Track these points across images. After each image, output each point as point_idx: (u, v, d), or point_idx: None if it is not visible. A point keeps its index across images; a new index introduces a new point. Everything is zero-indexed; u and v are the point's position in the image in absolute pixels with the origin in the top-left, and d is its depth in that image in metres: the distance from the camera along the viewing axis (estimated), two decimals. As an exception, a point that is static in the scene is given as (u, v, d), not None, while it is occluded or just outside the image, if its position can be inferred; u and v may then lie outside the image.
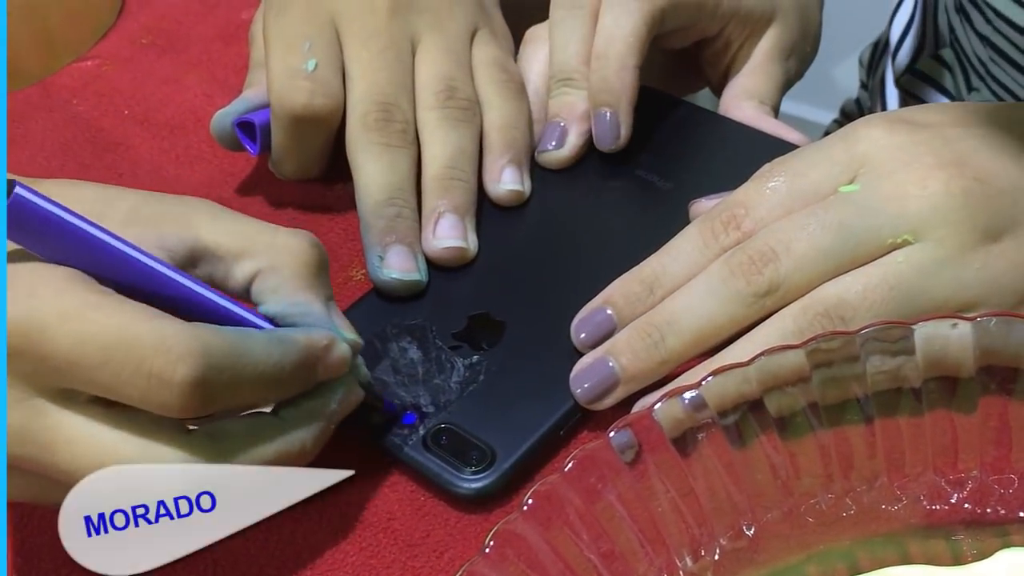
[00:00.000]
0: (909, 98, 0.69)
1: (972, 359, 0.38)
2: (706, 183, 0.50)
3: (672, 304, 0.44)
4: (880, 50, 0.77)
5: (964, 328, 0.38)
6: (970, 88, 0.65)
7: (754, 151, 0.50)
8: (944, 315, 0.38)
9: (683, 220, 0.48)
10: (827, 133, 0.80)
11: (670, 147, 0.53)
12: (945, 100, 0.67)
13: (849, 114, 0.80)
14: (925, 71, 0.68)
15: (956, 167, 0.42)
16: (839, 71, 1.21)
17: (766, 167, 0.46)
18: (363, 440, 0.45)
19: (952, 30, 0.65)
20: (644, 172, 0.52)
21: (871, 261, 0.42)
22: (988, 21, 0.61)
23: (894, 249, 0.42)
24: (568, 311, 0.46)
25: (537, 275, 0.49)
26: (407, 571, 0.42)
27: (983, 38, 0.62)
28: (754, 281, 0.43)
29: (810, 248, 0.43)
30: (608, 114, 0.52)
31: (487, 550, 0.36)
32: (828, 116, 0.88)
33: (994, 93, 0.63)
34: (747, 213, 0.44)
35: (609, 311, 0.45)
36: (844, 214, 0.43)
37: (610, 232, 0.51)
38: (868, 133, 0.44)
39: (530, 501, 0.37)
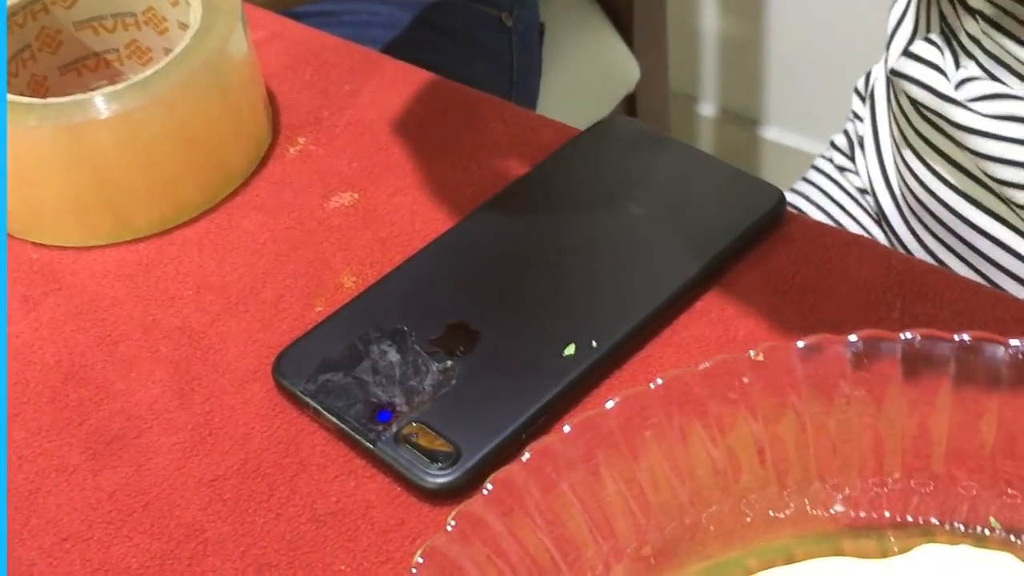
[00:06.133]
0: (901, 80, 0.71)
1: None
2: (675, 211, 0.55)
3: None
4: (873, 77, 0.79)
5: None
6: (958, 66, 0.68)
7: (723, 183, 0.56)
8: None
9: (651, 243, 0.54)
10: (814, 167, 0.83)
11: (646, 178, 0.57)
12: (939, 77, 0.69)
13: (839, 147, 0.83)
14: (917, 52, 0.70)
15: None
16: (830, 103, 1.24)
17: None
18: (342, 434, 0.49)
19: (943, 17, 0.68)
20: (621, 199, 0.56)
21: None
22: None
23: None
24: (539, 324, 0.51)
25: (515, 290, 0.53)
26: (382, 554, 0.46)
27: (975, 12, 0.65)
28: None
29: None
30: None
31: (449, 528, 0.39)
32: (818, 147, 0.90)
33: (982, 67, 0.66)
34: None
35: None
36: None
37: (586, 252, 0.54)
38: None
39: (490, 486, 0.40)
